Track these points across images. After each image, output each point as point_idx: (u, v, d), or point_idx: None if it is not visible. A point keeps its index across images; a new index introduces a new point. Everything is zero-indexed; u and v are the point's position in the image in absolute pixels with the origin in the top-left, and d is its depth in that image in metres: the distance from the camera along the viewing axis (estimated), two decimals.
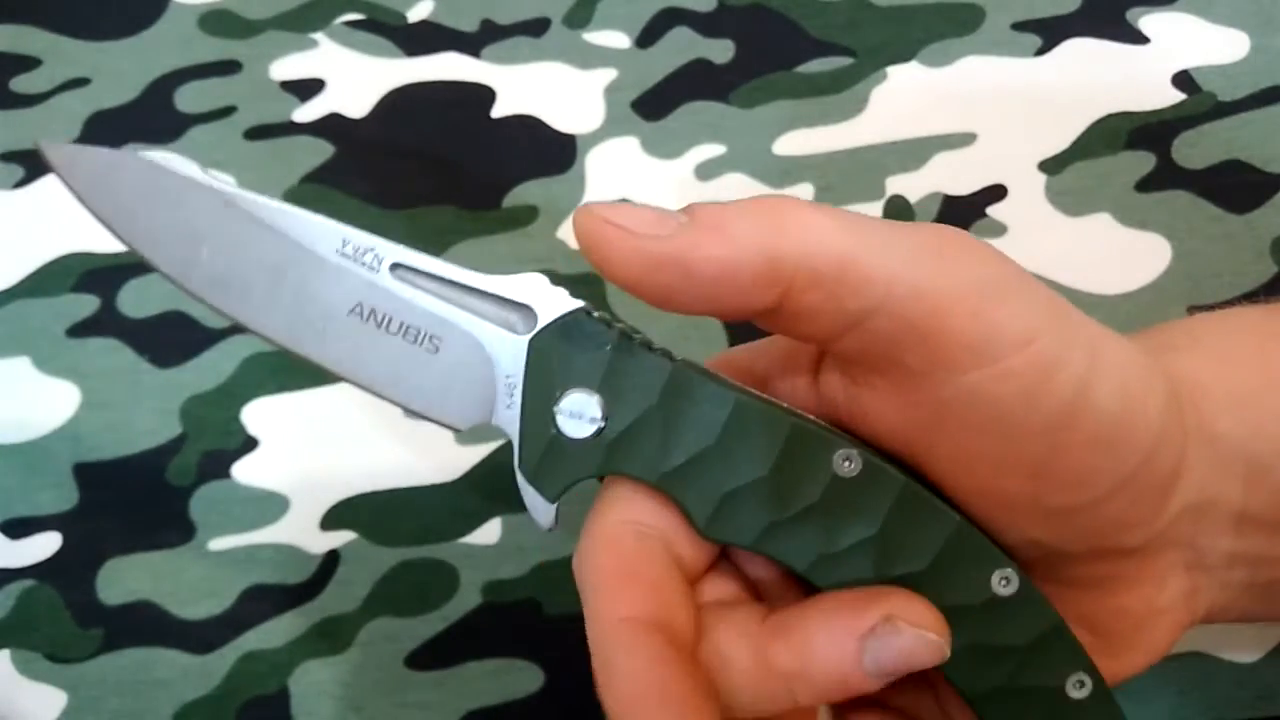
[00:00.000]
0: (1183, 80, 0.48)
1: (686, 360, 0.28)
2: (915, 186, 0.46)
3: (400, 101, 0.50)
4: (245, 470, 0.41)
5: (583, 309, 0.28)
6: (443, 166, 0.48)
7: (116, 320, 0.44)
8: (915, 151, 0.47)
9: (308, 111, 0.50)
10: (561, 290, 0.28)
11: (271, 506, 0.40)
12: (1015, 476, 0.26)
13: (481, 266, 0.29)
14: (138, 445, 0.42)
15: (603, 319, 0.28)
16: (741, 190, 0.46)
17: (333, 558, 0.39)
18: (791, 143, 0.48)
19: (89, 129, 0.49)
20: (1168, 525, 0.27)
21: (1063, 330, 0.26)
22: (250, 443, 0.41)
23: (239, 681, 0.37)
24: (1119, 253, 0.44)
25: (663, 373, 0.27)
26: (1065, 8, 0.50)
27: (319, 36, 0.52)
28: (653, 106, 0.49)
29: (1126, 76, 0.48)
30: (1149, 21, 0.50)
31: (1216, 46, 0.49)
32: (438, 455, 0.41)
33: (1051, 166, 0.46)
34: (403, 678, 0.37)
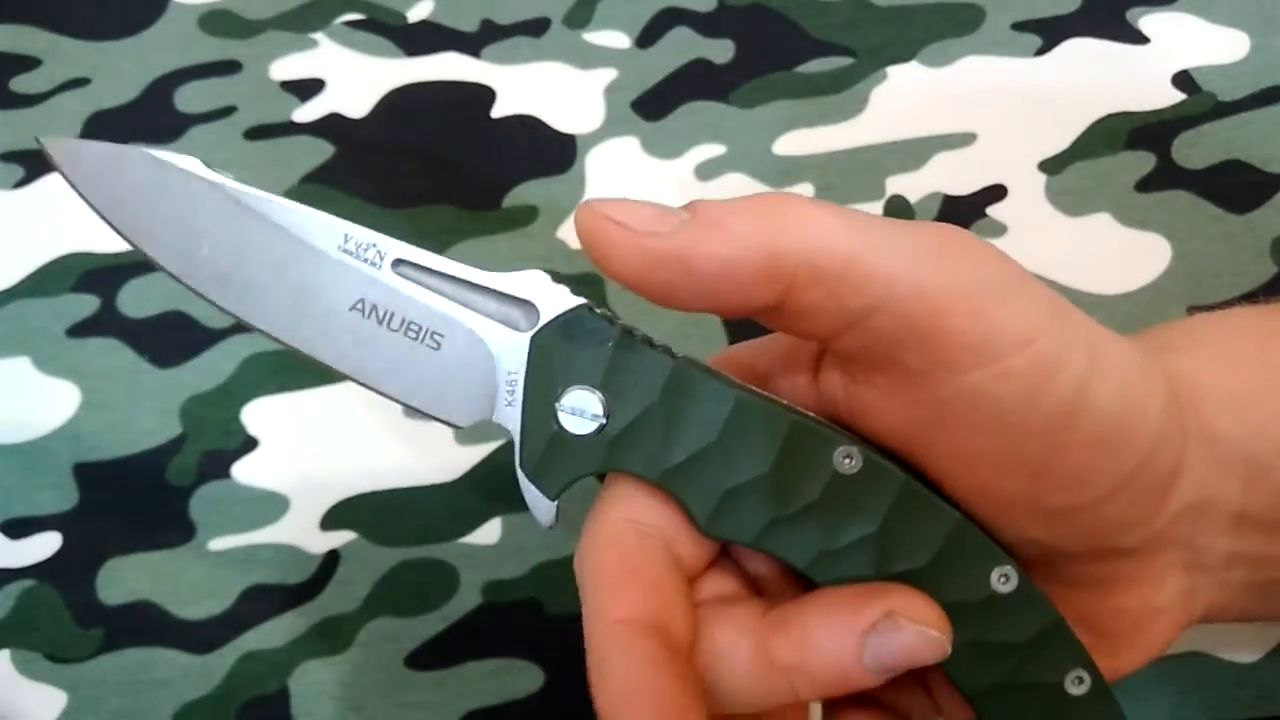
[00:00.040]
0: (1183, 80, 0.48)
1: (688, 357, 0.28)
2: (915, 186, 0.46)
3: (400, 101, 0.50)
4: (245, 470, 0.41)
5: (584, 306, 0.28)
6: (443, 166, 0.48)
7: (116, 320, 0.44)
8: (915, 151, 0.47)
9: (308, 111, 0.50)
10: (563, 288, 0.28)
11: (271, 506, 0.40)
12: (1014, 476, 0.26)
13: (482, 266, 0.29)
14: (138, 445, 0.42)
15: (604, 316, 0.28)
16: (741, 190, 0.46)
17: (333, 558, 0.39)
18: (791, 143, 0.48)
19: (89, 129, 0.49)
20: (1166, 525, 0.27)
21: (1063, 330, 0.26)
22: (250, 443, 0.41)
23: (239, 681, 0.37)
24: (1119, 253, 0.44)
25: (664, 370, 0.27)
26: (1065, 8, 0.50)
27: (319, 36, 0.52)
28: (653, 106, 0.49)
29: (1126, 76, 0.48)
30: (1149, 21, 0.50)
31: (1216, 46, 0.49)
32: (438, 455, 0.41)
33: (1051, 166, 0.46)
34: (403, 678, 0.37)
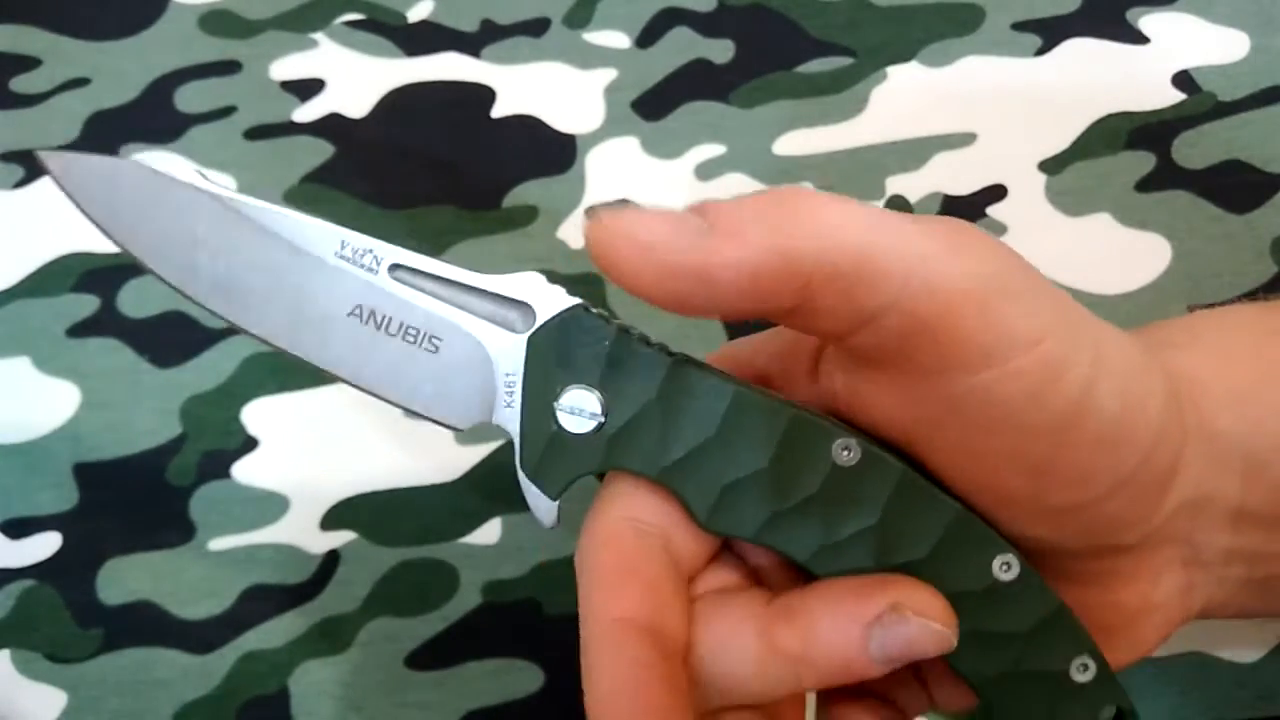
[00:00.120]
0: (1183, 80, 0.48)
1: (684, 355, 0.28)
2: (915, 186, 0.46)
3: (400, 101, 0.50)
4: (245, 470, 0.41)
5: (581, 306, 0.28)
6: (443, 166, 0.48)
7: (116, 320, 0.44)
8: (915, 151, 0.47)
9: (308, 111, 0.50)
10: (559, 288, 0.28)
11: (271, 506, 0.40)
12: (1016, 474, 0.26)
13: (481, 266, 0.29)
14: (138, 445, 0.42)
15: (601, 315, 0.28)
16: (741, 190, 0.46)
17: (333, 558, 0.39)
18: (791, 143, 0.48)
19: (89, 129, 0.49)
20: (1164, 521, 0.28)
21: (1070, 330, 0.26)
22: (250, 443, 0.41)
23: (239, 681, 0.37)
24: (1119, 253, 0.44)
25: (661, 367, 0.27)
26: (1065, 8, 0.50)
27: (319, 36, 0.52)
28: (653, 106, 0.49)
29: (1126, 76, 0.48)
30: (1149, 21, 0.50)
31: (1216, 46, 0.49)
32: (438, 455, 0.41)
33: (1051, 166, 0.46)
34: (403, 678, 0.37)
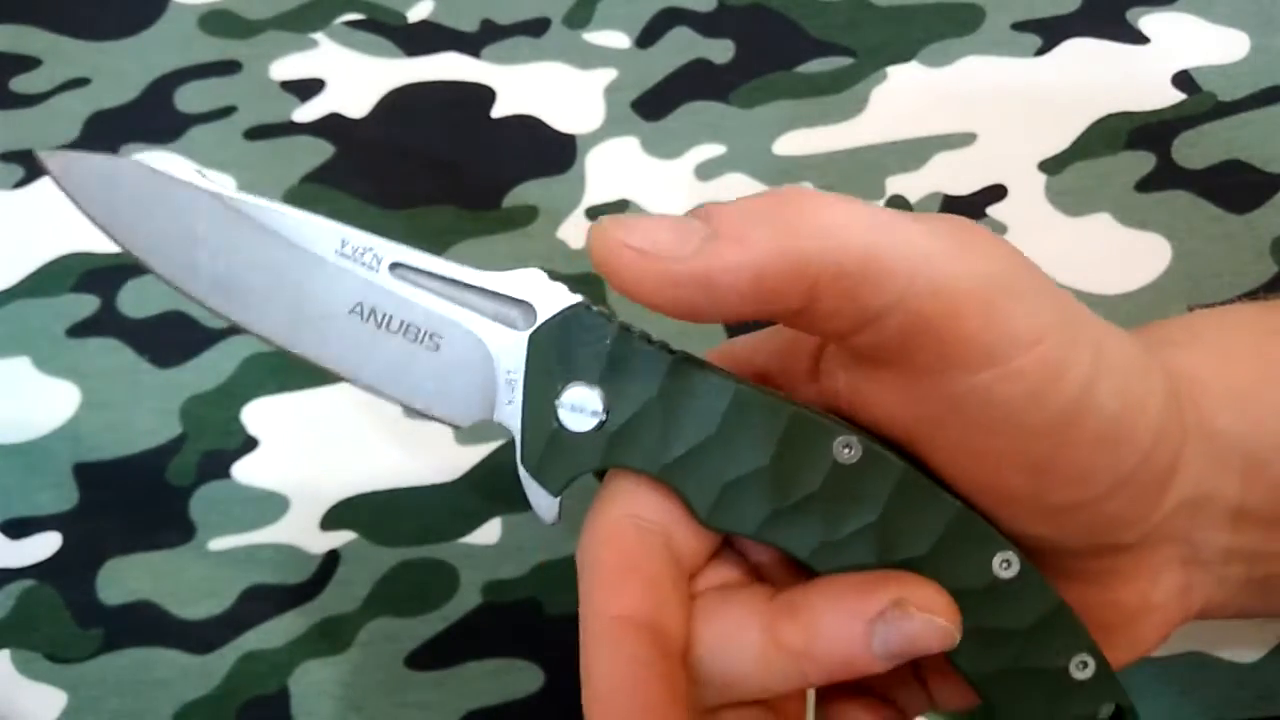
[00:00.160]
0: (1183, 80, 0.48)
1: (685, 353, 0.28)
2: (915, 186, 0.46)
3: (400, 101, 0.50)
4: (245, 470, 0.41)
5: (582, 303, 0.28)
6: (443, 166, 0.48)
7: (116, 320, 0.44)
8: (915, 151, 0.47)
9: (308, 111, 0.50)
10: (560, 285, 0.28)
11: (271, 506, 0.40)
12: (1016, 473, 0.26)
13: (481, 266, 0.29)
14: (138, 445, 0.42)
15: (601, 313, 0.28)
16: (742, 190, 0.46)
17: (333, 558, 0.39)
18: (791, 143, 0.48)
19: (89, 129, 0.49)
20: (1163, 520, 0.28)
21: (1070, 329, 0.26)
22: (250, 443, 0.41)
23: (239, 681, 0.37)
24: (1119, 253, 0.44)
25: (662, 365, 0.27)
26: (1065, 8, 0.50)
27: (319, 36, 0.52)
28: (653, 106, 0.49)
29: (1126, 76, 0.48)
30: (1149, 21, 0.50)
31: (1216, 46, 0.49)
32: (438, 455, 0.41)
33: (1051, 166, 0.46)
34: (403, 678, 0.37)
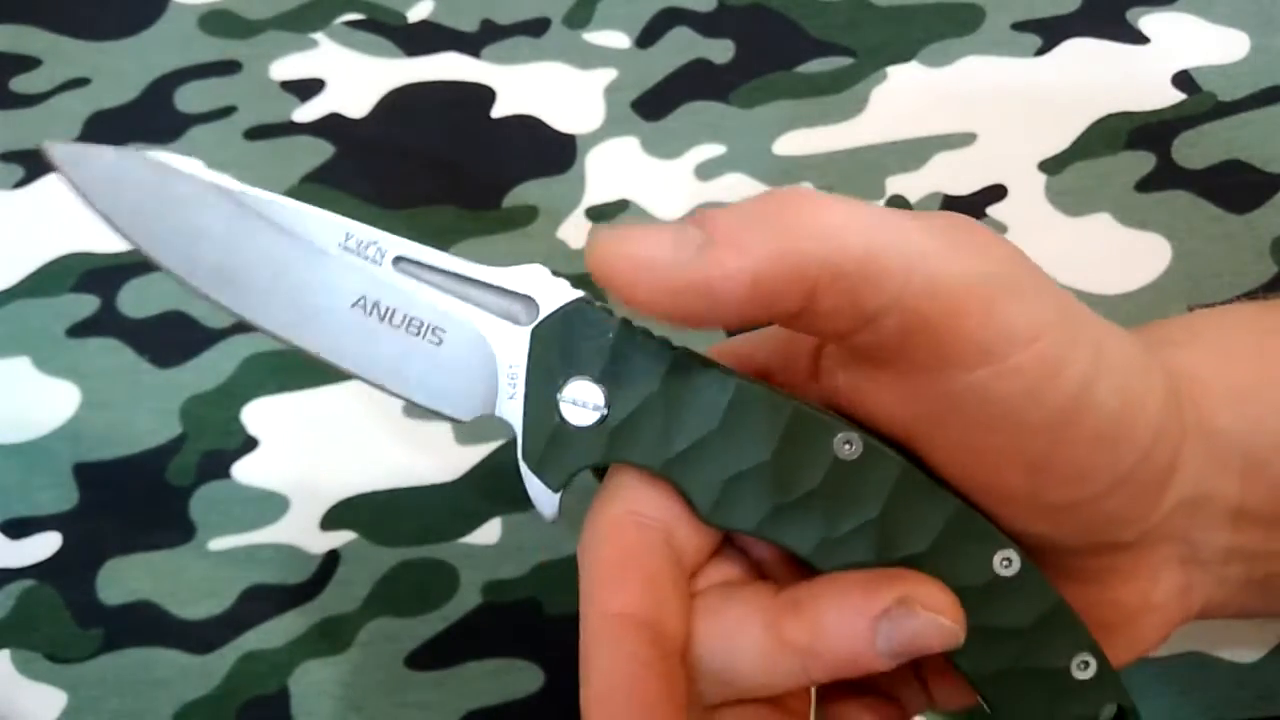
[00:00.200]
0: (1183, 80, 0.48)
1: (686, 348, 0.28)
2: (915, 186, 0.46)
3: (400, 101, 0.50)
4: (245, 470, 0.41)
5: (583, 299, 0.28)
6: (443, 166, 0.48)
7: (116, 320, 0.44)
8: (915, 151, 0.47)
9: (308, 111, 0.50)
10: (563, 281, 0.28)
11: (271, 506, 0.40)
12: (1015, 471, 0.26)
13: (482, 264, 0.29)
14: (138, 445, 0.42)
15: (603, 308, 0.28)
16: (741, 190, 0.46)
17: (333, 558, 0.39)
18: (791, 143, 0.48)
19: (89, 129, 0.49)
20: (1162, 519, 0.28)
21: (1068, 327, 0.26)
22: (250, 443, 0.41)
23: (239, 681, 0.37)
24: (1119, 253, 0.44)
25: (664, 360, 0.27)
26: (1065, 8, 0.50)
27: (319, 36, 0.52)
28: (653, 106, 0.49)
29: (1126, 76, 0.48)
30: (1149, 21, 0.50)
31: (1216, 46, 0.49)
32: (438, 455, 0.41)
33: (1051, 166, 0.46)
34: (403, 678, 0.37)
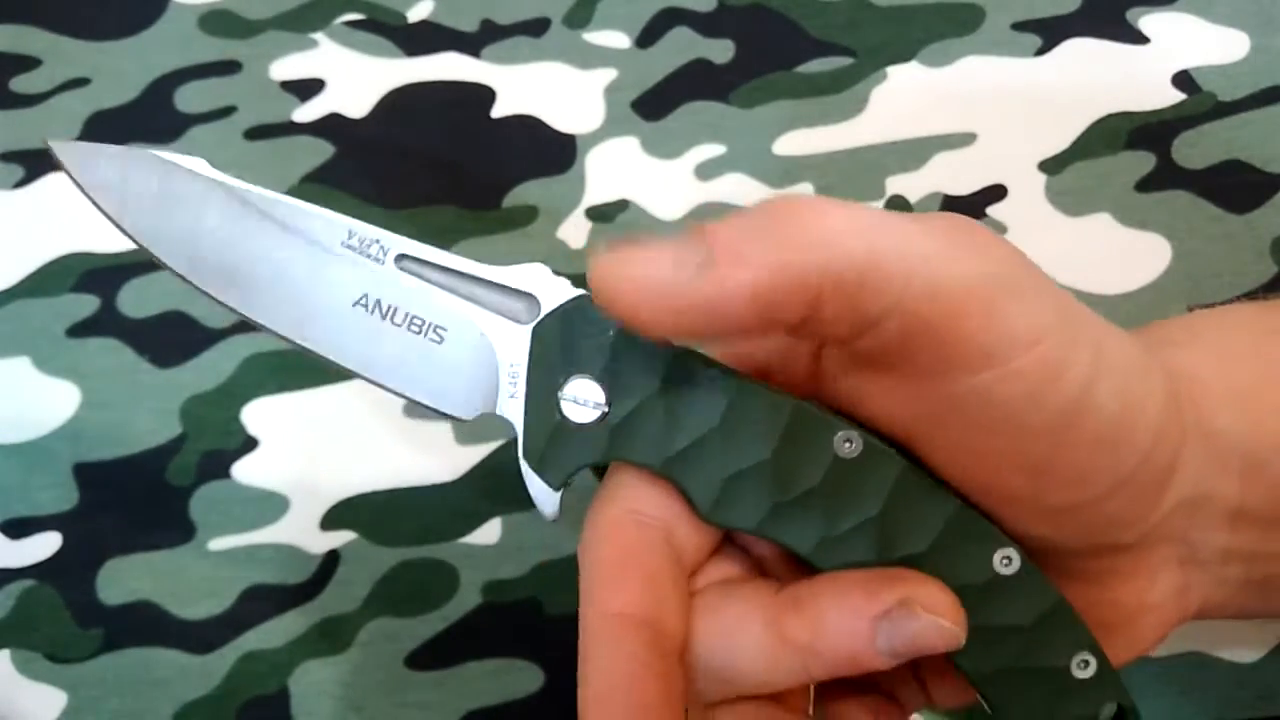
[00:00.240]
0: (1183, 80, 0.48)
1: (687, 347, 0.28)
2: (915, 186, 0.46)
3: (400, 101, 0.50)
4: (245, 470, 0.41)
5: (584, 297, 0.28)
6: (443, 166, 0.48)
7: (116, 320, 0.44)
8: (915, 151, 0.47)
9: (308, 111, 0.50)
10: (563, 279, 0.28)
11: (271, 506, 0.40)
12: (1015, 473, 0.26)
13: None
14: (138, 445, 0.42)
15: None
16: (741, 190, 0.46)
17: (333, 558, 0.39)
18: (791, 143, 0.48)
19: (89, 129, 0.49)
20: (1162, 520, 0.28)
21: (1069, 329, 0.26)
22: (250, 443, 0.41)
23: (239, 681, 0.37)
24: (1119, 253, 0.44)
25: (664, 359, 0.27)
26: (1065, 8, 0.50)
27: (319, 36, 0.52)
28: (653, 106, 0.49)
29: (1126, 76, 0.48)
30: (1149, 21, 0.50)
31: (1216, 46, 0.49)
32: (438, 455, 0.41)
33: (1051, 166, 0.46)
34: (403, 678, 0.37)
